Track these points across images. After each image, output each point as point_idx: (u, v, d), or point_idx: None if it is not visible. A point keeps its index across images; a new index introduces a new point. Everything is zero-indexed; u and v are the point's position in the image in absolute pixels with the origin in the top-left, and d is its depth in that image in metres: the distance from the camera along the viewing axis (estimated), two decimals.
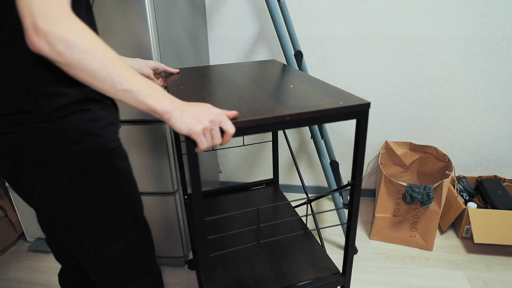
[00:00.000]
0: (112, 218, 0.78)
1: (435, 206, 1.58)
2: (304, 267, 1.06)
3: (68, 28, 0.55)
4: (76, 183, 0.72)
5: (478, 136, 1.86)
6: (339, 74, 1.84)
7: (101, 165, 0.73)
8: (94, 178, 0.73)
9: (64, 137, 0.68)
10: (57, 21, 0.54)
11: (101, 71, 0.59)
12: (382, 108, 1.88)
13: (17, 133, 0.68)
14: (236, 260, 1.11)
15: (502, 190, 1.75)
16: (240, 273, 1.07)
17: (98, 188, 0.75)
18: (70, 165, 0.71)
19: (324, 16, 1.74)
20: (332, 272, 1.03)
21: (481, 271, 1.53)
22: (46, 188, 0.72)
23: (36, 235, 1.78)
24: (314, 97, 0.86)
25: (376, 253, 1.66)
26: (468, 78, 1.75)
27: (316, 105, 0.80)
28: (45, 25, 0.54)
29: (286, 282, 1.01)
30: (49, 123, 0.67)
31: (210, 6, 1.81)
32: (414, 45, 1.73)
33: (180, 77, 1.10)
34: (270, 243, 1.16)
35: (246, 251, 1.14)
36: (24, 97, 0.66)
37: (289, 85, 0.96)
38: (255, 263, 1.09)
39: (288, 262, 1.08)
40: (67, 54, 0.56)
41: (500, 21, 1.62)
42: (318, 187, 2.15)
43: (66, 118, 0.68)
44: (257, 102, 0.83)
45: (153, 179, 1.40)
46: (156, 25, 1.20)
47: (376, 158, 2.01)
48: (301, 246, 1.14)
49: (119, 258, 0.82)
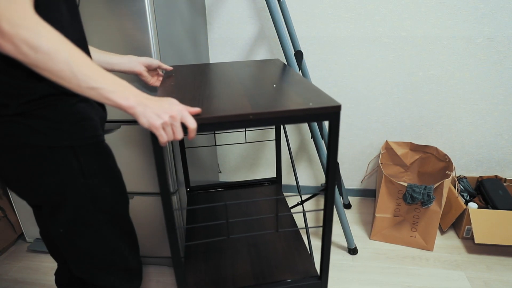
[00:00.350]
0: (85, 213, 0.79)
1: (436, 206, 1.58)
2: (284, 267, 1.06)
3: (31, 30, 0.56)
4: (48, 178, 0.73)
5: (478, 136, 1.86)
6: (339, 74, 1.84)
7: (74, 161, 0.74)
8: (67, 174, 0.74)
9: (35, 132, 0.68)
10: (20, 24, 0.55)
11: (66, 71, 0.60)
12: (383, 108, 1.88)
13: None
14: (219, 254, 1.13)
15: (503, 190, 1.75)
16: (221, 267, 1.08)
17: (70, 184, 0.75)
18: (42, 160, 0.71)
19: (324, 16, 1.73)
20: (310, 275, 1.02)
21: (481, 272, 1.53)
22: (20, 181, 0.73)
23: (35, 236, 1.77)
24: (289, 97, 0.86)
25: (377, 253, 1.66)
26: (469, 77, 1.75)
27: (284, 105, 0.80)
28: (8, 28, 0.55)
29: (262, 280, 1.02)
30: (20, 117, 0.67)
31: (210, 6, 1.81)
32: (415, 45, 1.72)
33: (175, 73, 1.12)
34: (258, 240, 1.17)
35: (231, 246, 1.16)
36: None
37: (273, 85, 0.97)
38: (237, 258, 1.11)
39: (270, 260, 1.09)
40: (32, 56, 0.57)
41: (501, 20, 1.62)
42: (318, 187, 2.14)
43: (37, 112, 0.68)
44: (230, 99, 0.83)
45: (152, 179, 1.40)
46: (156, 25, 1.19)
47: (376, 158, 2.01)
48: (287, 245, 1.15)
49: (93, 251, 0.84)
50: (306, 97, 0.85)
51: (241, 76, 1.09)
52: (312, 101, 0.82)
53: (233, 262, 1.10)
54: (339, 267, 1.58)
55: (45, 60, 0.58)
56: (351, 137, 1.98)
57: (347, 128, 1.96)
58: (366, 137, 1.97)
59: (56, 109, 0.70)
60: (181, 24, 1.46)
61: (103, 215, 0.82)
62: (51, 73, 0.60)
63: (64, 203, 0.77)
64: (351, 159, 2.04)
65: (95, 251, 0.84)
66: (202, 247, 1.17)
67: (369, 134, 1.96)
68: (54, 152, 0.71)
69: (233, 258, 1.11)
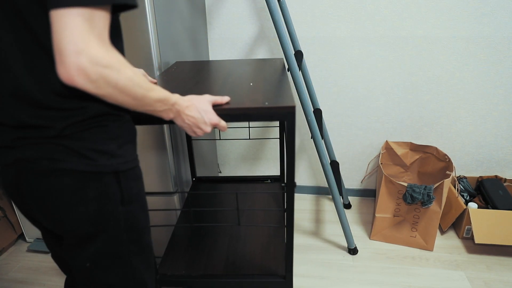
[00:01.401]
0: (118, 244, 0.73)
1: (436, 206, 1.58)
2: (256, 262, 1.09)
3: (112, 68, 0.56)
4: (86, 206, 0.66)
5: (478, 136, 1.86)
6: (339, 74, 1.84)
7: (115, 188, 0.68)
8: (106, 202, 0.68)
9: (77, 155, 0.63)
10: (101, 62, 0.55)
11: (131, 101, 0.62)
12: (383, 108, 1.88)
13: (23, 147, 0.63)
14: (202, 242, 1.19)
15: (503, 190, 1.75)
16: (198, 254, 1.13)
17: (109, 212, 0.69)
18: (80, 186, 0.64)
19: (324, 16, 1.73)
20: (276, 273, 1.05)
21: (481, 272, 1.53)
22: (50, 210, 0.66)
23: (35, 236, 1.77)
24: (253, 96, 0.88)
25: (377, 253, 1.66)
26: (469, 78, 1.75)
27: (240, 103, 0.82)
28: (89, 65, 0.54)
29: (231, 271, 1.06)
30: (61, 139, 0.62)
31: (210, 6, 1.81)
32: (415, 45, 1.72)
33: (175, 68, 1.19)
34: (242, 233, 1.21)
35: (215, 236, 1.21)
36: (35, 110, 0.61)
37: (250, 83, 1.02)
38: (216, 248, 1.15)
39: (246, 254, 1.13)
40: (107, 90, 0.58)
41: (501, 20, 1.62)
42: (318, 187, 2.14)
43: (81, 134, 0.63)
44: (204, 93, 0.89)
45: (153, 179, 1.40)
46: (156, 25, 1.19)
47: (376, 158, 2.01)
48: (268, 241, 1.18)
49: (117, 286, 0.77)
50: (268, 97, 0.87)
51: (229, 73, 1.14)
52: (269, 101, 0.83)
53: (210, 251, 1.14)
54: (339, 267, 1.58)
55: (116, 93, 0.59)
56: (351, 137, 1.98)
57: (347, 128, 1.96)
58: (366, 137, 1.97)
59: (105, 129, 0.65)
60: (181, 24, 1.46)
61: (134, 245, 0.76)
62: (117, 101, 0.61)
63: (97, 234, 0.69)
64: (351, 159, 2.04)
65: (119, 285, 0.77)
66: (189, 231, 1.22)
67: (369, 134, 1.96)
68: (97, 179, 0.65)
69: (212, 248, 1.16)
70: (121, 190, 0.69)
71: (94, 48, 0.53)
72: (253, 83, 1.02)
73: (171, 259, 1.11)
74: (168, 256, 1.13)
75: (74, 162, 0.63)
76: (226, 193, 1.37)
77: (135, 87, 0.60)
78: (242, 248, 1.15)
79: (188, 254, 1.14)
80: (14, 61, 0.59)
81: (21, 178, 0.64)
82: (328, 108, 1.93)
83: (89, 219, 0.67)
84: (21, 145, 0.63)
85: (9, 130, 0.63)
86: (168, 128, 1.33)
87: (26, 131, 0.62)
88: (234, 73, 1.15)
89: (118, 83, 0.57)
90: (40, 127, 0.61)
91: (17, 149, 0.63)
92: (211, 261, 1.11)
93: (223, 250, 1.15)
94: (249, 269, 1.07)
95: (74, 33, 0.52)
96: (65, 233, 0.70)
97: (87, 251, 0.71)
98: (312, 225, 1.87)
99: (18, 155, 0.63)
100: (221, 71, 1.17)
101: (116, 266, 0.74)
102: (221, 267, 1.08)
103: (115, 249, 0.73)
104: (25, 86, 0.59)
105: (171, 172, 1.36)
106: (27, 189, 0.65)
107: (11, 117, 0.62)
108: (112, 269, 0.74)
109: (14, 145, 0.63)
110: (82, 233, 0.68)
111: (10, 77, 0.59)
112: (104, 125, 0.65)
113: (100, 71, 0.54)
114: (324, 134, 1.82)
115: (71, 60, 0.52)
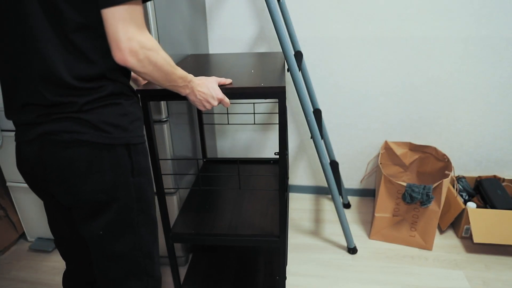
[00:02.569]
0: (129, 213, 0.80)
1: (435, 206, 1.59)
2: (255, 223, 1.28)
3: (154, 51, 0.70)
4: (101, 175, 0.74)
5: (477, 136, 1.87)
6: (339, 74, 1.85)
7: (126, 159, 0.77)
8: (119, 172, 0.76)
9: (95, 128, 0.71)
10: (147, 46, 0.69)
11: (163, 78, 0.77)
12: (382, 108, 1.89)
13: (46, 123, 0.70)
14: (210, 207, 1.38)
15: (501, 190, 1.75)
16: (206, 216, 1.32)
17: (122, 182, 0.77)
18: (97, 157, 0.73)
19: (324, 16, 1.74)
20: (273, 234, 1.21)
21: (480, 271, 1.54)
22: (70, 179, 0.73)
23: (36, 235, 1.78)
24: (252, 80, 1.06)
25: (376, 252, 1.66)
26: (467, 78, 1.76)
27: (241, 84, 1.00)
28: (140, 50, 0.67)
29: (233, 231, 1.23)
30: (82, 113, 0.70)
31: (210, 6, 1.81)
32: (414, 46, 1.73)
33: None
34: (245, 200, 1.42)
35: (222, 202, 1.42)
36: (62, 90, 0.69)
37: (251, 70, 1.19)
38: (223, 212, 1.35)
39: (247, 217, 1.31)
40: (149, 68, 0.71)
41: (499, 21, 1.62)
42: (317, 187, 2.15)
43: (99, 109, 0.72)
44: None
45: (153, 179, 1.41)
46: (156, 25, 1.20)
47: (375, 158, 2.01)
48: (267, 207, 1.37)
49: (127, 255, 0.83)
50: (265, 80, 1.05)
51: (235, 63, 1.33)
52: (265, 83, 1.01)
53: (217, 216, 1.33)
54: (339, 266, 1.59)
55: (154, 70, 0.72)
56: (350, 137, 1.99)
57: (346, 128, 1.97)
58: (366, 137, 1.98)
59: (115, 108, 0.74)
60: (181, 24, 1.47)
61: (143, 216, 0.83)
62: (153, 77, 0.74)
63: (110, 203, 0.77)
64: (351, 159, 2.05)
65: (130, 255, 0.83)
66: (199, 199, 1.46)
67: (368, 134, 1.96)
68: (111, 150, 0.74)
69: (218, 213, 1.35)
70: (131, 162, 0.78)
71: (139, 34, 0.66)
72: (254, 70, 1.19)
73: (183, 221, 1.30)
74: (181, 218, 1.32)
75: (91, 134, 0.71)
76: (231, 175, 1.60)
77: (167, 65, 0.74)
78: (244, 213, 1.32)
79: (197, 217, 1.32)
80: (53, 53, 0.67)
81: (44, 150, 0.71)
82: (328, 108, 1.94)
83: (104, 188, 0.75)
84: (45, 121, 0.70)
85: (34, 108, 0.70)
86: (169, 128, 1.34)
87: (50, 109, 0.70)
88: (238, 63, 1.33)
89: (157, 62, 0.71)
90: (64, 104, 0.69)
91: (41, 125, 0.71)
92: (217, 223, 1.28)
93: (228, 214, 1.32)
94: (249, 230, 1.24)
95: (124, 24, 0.65)
96: (80, 204, 0.76)
97: (101, 220, 0.77)
98: (312, 225, 1.88)
99: (42, 130, 0.71)
100: (228, 61, 1.37)
101: (126, 234, 0.81)
102: (225, 228, 1.24)
103: (127, 218, 0.80)
104: (57, 72, 0.68)
105: (171, 172, 1.37)
106: (50, 160, 0.72)
107: (38, 97, 0.69)
108: (123, 238, 0.81)
109: (39, 121, 0.71)
110: (97, 202, 0.76)
111: (44, 63, 0.67)
112: (118, 103, 0.75)
113: (145, 53, 0.68)
114: (324, 134, 1.82)
115: (125, 46, 0.65)
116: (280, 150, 1.05)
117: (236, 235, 1.21)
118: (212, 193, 1.48)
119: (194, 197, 1.47)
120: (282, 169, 1.07)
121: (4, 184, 1.73)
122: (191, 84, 0.88)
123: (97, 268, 0.85)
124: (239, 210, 1.35)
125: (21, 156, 0.76)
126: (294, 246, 1.72)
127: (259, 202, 1.40)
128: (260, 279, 1.42)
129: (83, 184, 0.73)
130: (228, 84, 1.01)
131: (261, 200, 1.42)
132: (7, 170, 1.63)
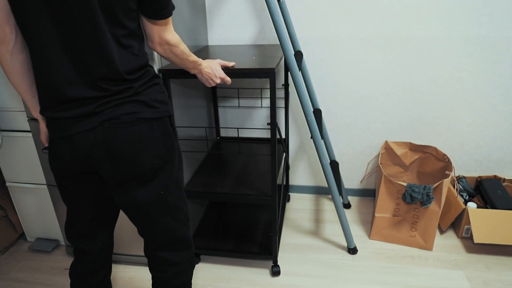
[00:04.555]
0: (177, 173, 0.98)
1: (435, 206, 1.59)
2: (254, 185, 1.51)
3: (181, 44, 1.00)
4: (157, 144, 0.90)
5: (477, 136, 1.87)
6: (339, 74, 1.84)
7: (170, 128, 0.95)
8: (169, 139, 0.94)
9: (148, 106, 0.88)
10: (177, 41, 0.98)
11: (181, 60, 1.05)
12: (382, 108, 1.88)
13: (106, 110, 0.83)
14: (218, 171, 1.66)
15: (501, 190, 1.75)
16: (214, 178, 1.60)
17: (171, 147, 0.95)
18: (152, 129, 0.88)
19: (324, 16, 1.74)
20: (266, 194, 1.44)
21: (480, 271, 1.53)
22: (134, 153, 0.86)
23: (36, 235, 1.78)
24: (252, 62, 1.31)
25: (376, 252, 1.66)
26: (468, 78, 1.75)
27: (242, 65, 1.25)
28: (176, 43, 0.97)
29: (235, 190, 1.48)
30: (137, 96, 0.87)
31: (210, 6, 1.81)
32: (414, 45, 1.73)
33: None
34: (251, 164, 1.72)
35: (230, 165, 1.72)
36: (121, 82, 0.84)
37: (252, 57, 1.43)
38: (230, 173, 1.64)
39: (248, 179, 1.57)
40: (179, 53, 1.01)
41: (500, 21, 1.62)
42: (318, 187, 2.15)
43: (147, 90, 0.89)
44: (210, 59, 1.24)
45: None
46: None
47: (376, 158, 2.01)
48: (265, 172, 1.62)
49: (182, 207, 1.01)
50: (261, 63, 1.29)
51: (241, 51, 1.61)
52: (259, 65, 1.25)
53: (223, 179, 1.59)
54: (339, 266, 1.58)
55: (173, 57, 1.01)
56: (350, 137, 1.99)
57: (347, 128, 1.97)
58: (366, 137, 1.97)
59: (157, 87, 0.93)
60: (181, 24, 1.47)
61: (181, 172, 1.02)
62: (173, 61, 1.03)
63: (165, 165, 0.93)
64: (351, 159, 2.04)
65: (182, 206, 1.01)
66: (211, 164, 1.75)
67: (368, 134, 1.96)
68: (159, 122, 0.90)
69: (225, 177, 1.60)
70: (173, 129, 0.98)
71: (172, 36, 0.95)
72: (255, 57, 1.41)
73: (194, 181, 1.58)
74: (193, 178, 1.60)
75: (146, 112, 0.87)
76: (235, 154, 1.72)
77: (183, 54, 1.02)
78: (246, 178, 1.59)
79: (207, 179, 1.59)
80: (111, 52, 0.81)
81: (109, 134, 0.84)
82: (328, 108, 1.93)
83: (161, 154, 0.91)
84: (105, 108, 0.83)
85: (96, 100, 0.82)
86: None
87: (109, 98, 0.83)
88: (243, 52, 1.58)
89: (176, 52, 0.99)
90: (122, 91, 0.85)
91: (102, 113, 0.83)
92: (223, 183, 1.55)
93: (232, 179, 1.58)
94: (248, 190, 1.48)
95: (168, 30, 0.94)
96: (138, 174, 0.89)
97: (159, 182, 0.93)
98: (312, 225, 1.88)
99: (104, 117, 0.83)
100: (234, 51, 1.61)
101: (177, 189, 0.99)
102: (229, 188, 1.50)
103: (176, 175, 0.98)
104: (115, 65, 0.82)
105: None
106: (116, 141, 0.84)
107: (102, 90, 0.82)
108: (176, 192, 0.99)
109: (99, 110, 0.83)
110: (154, 168, 0.91)
111: (108, 60, 0.81)
112: (158, 83, 0.94)
113: (169, 47, 0.96)
114: (324, 134, 1.82)
115: (157, 41, 0.94)
116: (272, 121, 1.27)
117: (235, 194, 1.45)
118: (221, 161, 1.77)
119: (206, 162, 1.77)
120: (273, 136, 1.29)
121: (4, 184, 1.72)
122: (200, 67, 1.15)
123: (156, 226, 0.97)
124: (242, 174, 1.62)
125: (74, 147, 0.84)
126: (294, 246, 1.72)
127: (260, 168, 1.68)
128: (259, 235, 1.69)
129: (144, 153, 0.88)
130: (231, 66, 1.24)
131: (262, 166, 1.70)
132: (7, 170, 1.63)
